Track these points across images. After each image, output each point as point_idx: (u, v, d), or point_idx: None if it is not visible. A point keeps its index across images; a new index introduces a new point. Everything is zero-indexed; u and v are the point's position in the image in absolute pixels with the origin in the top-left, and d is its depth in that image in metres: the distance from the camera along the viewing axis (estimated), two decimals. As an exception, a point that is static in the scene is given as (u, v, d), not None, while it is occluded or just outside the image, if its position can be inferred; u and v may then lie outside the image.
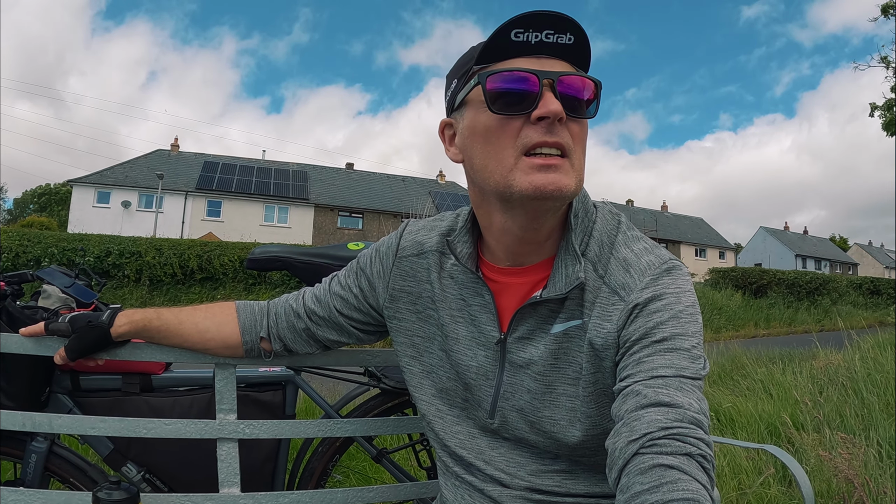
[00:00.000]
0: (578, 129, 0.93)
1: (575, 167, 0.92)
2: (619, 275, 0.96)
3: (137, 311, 1.30)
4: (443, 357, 1.11)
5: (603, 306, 0.96)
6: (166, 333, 1.29)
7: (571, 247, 0.98)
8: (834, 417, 3.78)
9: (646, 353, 0.88)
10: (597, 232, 1.01)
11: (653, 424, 0.79)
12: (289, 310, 1.28)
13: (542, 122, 0.90)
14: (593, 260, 0.99)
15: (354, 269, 1.24)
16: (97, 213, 30.95)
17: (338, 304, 1.23)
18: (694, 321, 0.92)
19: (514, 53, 0.91)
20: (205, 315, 1.30)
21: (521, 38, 0.89)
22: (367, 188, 40.69)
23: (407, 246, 1.17)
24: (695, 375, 0.87)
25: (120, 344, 1.31)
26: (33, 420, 1.32)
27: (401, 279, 1.16)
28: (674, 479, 0.74)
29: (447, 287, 1.10)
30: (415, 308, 1.15)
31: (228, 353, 1.32)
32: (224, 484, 1.37)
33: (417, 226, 1.19)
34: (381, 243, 1.22)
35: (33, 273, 1.86)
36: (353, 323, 1.24)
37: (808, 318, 22.28)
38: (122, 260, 12.83)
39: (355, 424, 1.53)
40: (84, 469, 1.64)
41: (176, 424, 1.36)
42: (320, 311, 1.25)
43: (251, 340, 1.29)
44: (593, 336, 0.95)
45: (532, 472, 1.04)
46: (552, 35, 0.89)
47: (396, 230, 1.22)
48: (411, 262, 1.16)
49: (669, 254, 1.01)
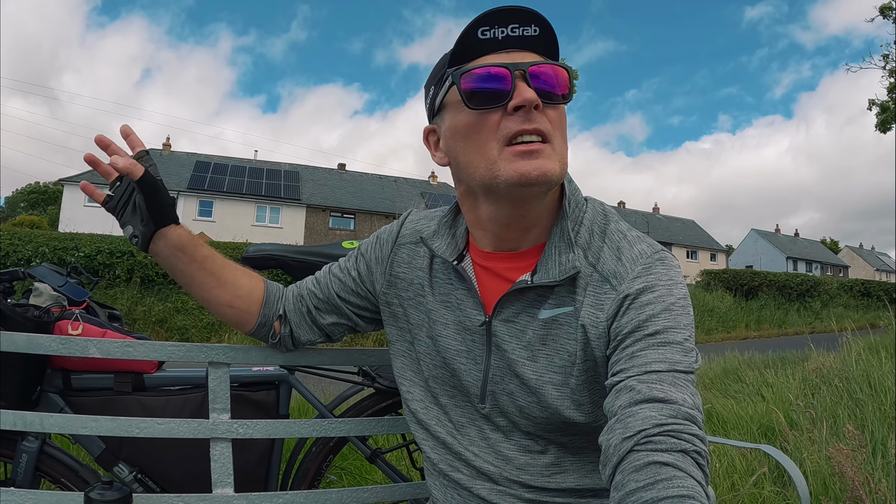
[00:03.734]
0: (556, 114, 0.96)
1: (557, 151, 0.95)
2: (611, 262, 0.97)
3: (191, 232, 1.25)
4: (430, 344, 1.12)
5: (595, 294, 0.96)
6: (203, 265, 1.22)
7: (566, 234, 0.99)
8: (827, 418, 3.79)
9: (638, 347, 0.88)
10: (587, 220, 1.02)
11: (647, 421, 0.79)
12: (295, 293, 1.30)
13: (520, 111, 0.93)
14: (584, 247, 1.00)
15: (355, 254, 1.27)
16: (88, 212, 30.63)
17: (336, 286, 1.25)
18: (686, 313, 0.93)
19: (484, 51, 0.94)
20: (243, 272, 1.27)
21: (487, 35, 0.93)
22: (359, 189, 40.61)
23: (406, 234, 1.20)
24: (688, 369, 0.87)
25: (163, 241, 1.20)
26: (24, 419, 1.30)
27: (397, 266, 1.18)
28: (669, 476, 0.74)
29: (438, 273, 1.12)
30: (407, 295, 1.16)
31: (241, 319, 1.27)
32: (217, 484, 1.36)
33: (419, 215, 1.22)
34: (384, 230, 1.25)
35: (25, 271, 1.84)
36: (350, 307, 1.25)
37: (798, 319, 22.41)
38: (112, 259, 12.76)
39: (350, 424, 1.52)
40: (75, 469, 1.63)
41: (169, 424, 1.35)
42: (319, 293, 1.26)
43: (269, 314, 1.27)
44: (587, 323, 0.96)
45: (520, 466, 1.04)
46: (517, 28, 0.93)
47: (398, 220, 1.25)
48: (409, 250, 1.18)
49: (660, 245, 1.02)
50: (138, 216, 1.17)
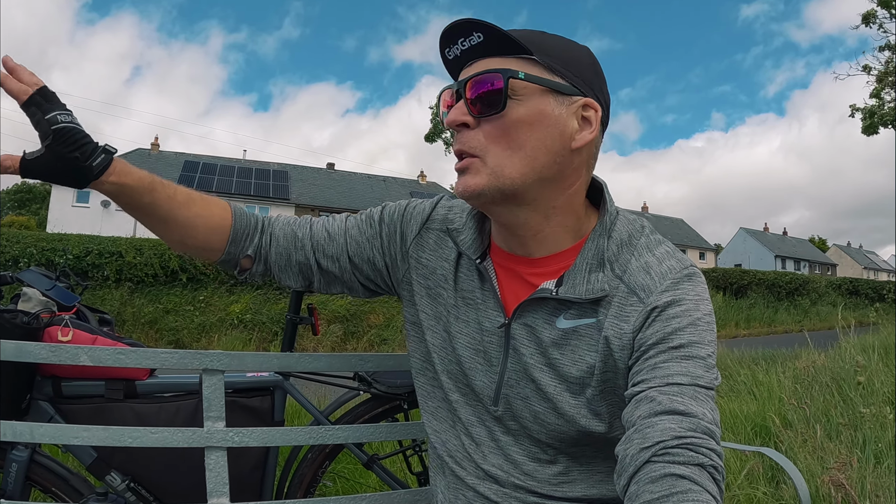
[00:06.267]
0: (491, 127, 0.93)
1: (489, 164, 0.93)
2: (640, 276, 0.95)
3: (133, 170, 1.08)
4: (446, 338, 1.09)
5: (620, 306, 0.94)
6: (148, 209, 1.09)
7: (601, 251, 0.98)
8: (819, 417, 3.80)
9: (662, 359, 0.87)
10: (616, 232, 1.00)
11: (666, 433, 0.78)
12: (290, 235, 1.18)
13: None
14: (611, 259, 0.98)
15: (376, 217, 1.18)
16: (76, 212, 30.56)
17: (352, 248, 1.16)
18: (710, 330, 0.92)
19: (456, 70, 0.98)
20: (198, 212, 1.12)
21: (450, 55, 0.96)
22: (348, 188, 40.55)
23: (438, 218, 1.14)
24: (709, 385, 0.86)
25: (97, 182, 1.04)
26: (14, 429, 1.28)
27: (421, 249, 1.13)
28: (685, 489, 0.73)
29: (463, 268, 1.09)
30: (427, 283, 1.12)
31: (204, 255, 1.17)
32: (213, 494, 1.33)
33: (451, 203, 1.16)
34: (413, 206, 1.17)
35: (13, 275, 1.81)
36: (358, 273, 1.17)
37: (788, 318, 22.54)
38: (101, 260, 12.65)
39: (346, 431, 1.49)
40: (66, 478, 1.60)
41: (163, 433, 1.32)
42: (329, 250, 1.16)
43: (235, 252, 1.16)
44: (610, 335, 0.94)
45: (527, 472, 1.03)
46: (465, 41, 0.94)
47: (431, 199, 1.18)
48: (436, 236, 1.13)
49: (690, 260, 1.01)
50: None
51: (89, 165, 1.00)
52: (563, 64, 0.94)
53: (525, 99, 0.92)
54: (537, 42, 0.93)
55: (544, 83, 0.92)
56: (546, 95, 0.93)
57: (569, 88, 0.93)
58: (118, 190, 1.05)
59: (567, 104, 0.93)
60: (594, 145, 0.99)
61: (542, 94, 0.92)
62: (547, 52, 0.93)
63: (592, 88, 0.96)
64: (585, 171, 0.99)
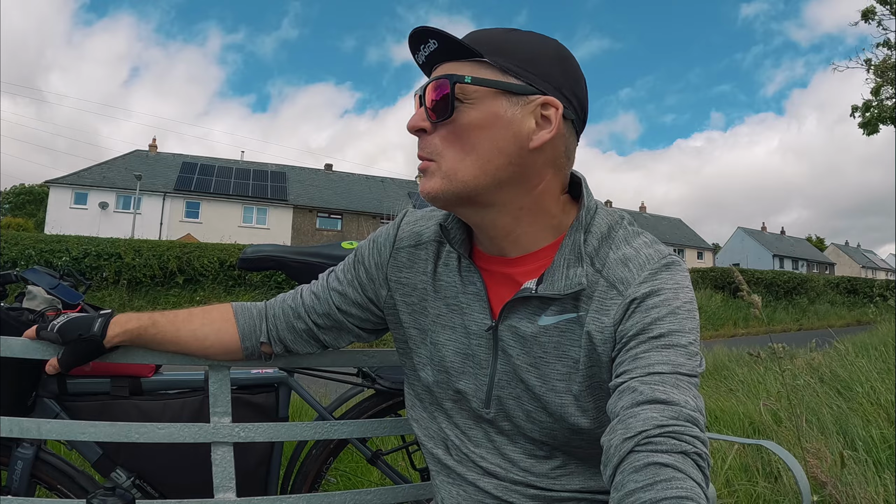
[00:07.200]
0: (446, 131, 0.95)
1: (442, 168, 0.95)
2: (618, 269, 0.96)
3: (132, 318, 1.25)
4: (433, 349, 1.10)
5: (601, 300, 0.95)
6: (162, 341, 1.25)
7: (577, 246, 0.97)
8: (810, 417, 3.81)
9: (642, 349, 0.88)
10: (595, 226, 1.00)
11: (648, 422, 0.79)
12: (287, 310, 1.24)
13: None
14: (591, 254, 0.98)
15: (351, 262, 1.22)
16: (74, 214, 30.56)
17: (336, 299, 1.20)
18: (691, 317, 0.92)
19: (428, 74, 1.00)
20: (202, 321, 1.26)
21: (419, 60, 0.98)
22: (345, 189, 40.56)
23: (404, 237, 1.15)
24: (691, 372, 0.87)
25: (112, 349, 1.27)
26: (21, 426, 1.28)
27: (397, 270, 1.15)
28: (668, 477, 0.74)
29: (442, 276, 1.09)
30: (409, 300, 1.13)
31: (228, 357, 1.30)
32: (219, 489, 1.35)
33: (415, 216, 1.18)
34: (379, 234, 1.20)
35: (17, 273, 1.81)
36: (351, 320, 1.21)
37: (786, 317, 22.57)
38: (100, 262, 12.66)
39: (351, 426, 1.51)
40: (72, 475, 1.60)
41: (170, 429, 1.33)
42: (319, 309, 1.22)
43: (251, 346, 1.26)
44: (592, 329, 0.94)
45: (526, 468, 1.04)
46: (425, 48, 0.95)
47: (394, 220, 1.20)
48: (408, 253, 1.14)
49: (669, 249, 1.01)
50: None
51: (93, 334, 1.22)
52: (520, 63, 0.92)
53: (477, 102, 0.92)
54: (496, 43, 0.93)
55: (494, 84, 0.92)
56: (498, 97, 0.92)
57: (523, 88, 0.92)
58: (128, 337, 1.24)
59: (522, 104, 0.92)
60: (560, 143, 0.97)
61: (493, 96, 0.92)
62: (503, 52, 0.93)
63: (555, 86, 0.94)
64: (553, 169, 0.98)
